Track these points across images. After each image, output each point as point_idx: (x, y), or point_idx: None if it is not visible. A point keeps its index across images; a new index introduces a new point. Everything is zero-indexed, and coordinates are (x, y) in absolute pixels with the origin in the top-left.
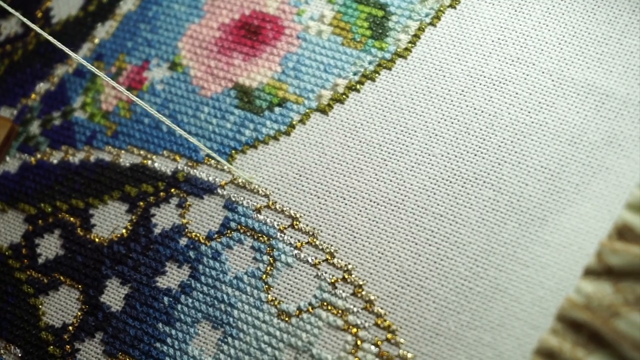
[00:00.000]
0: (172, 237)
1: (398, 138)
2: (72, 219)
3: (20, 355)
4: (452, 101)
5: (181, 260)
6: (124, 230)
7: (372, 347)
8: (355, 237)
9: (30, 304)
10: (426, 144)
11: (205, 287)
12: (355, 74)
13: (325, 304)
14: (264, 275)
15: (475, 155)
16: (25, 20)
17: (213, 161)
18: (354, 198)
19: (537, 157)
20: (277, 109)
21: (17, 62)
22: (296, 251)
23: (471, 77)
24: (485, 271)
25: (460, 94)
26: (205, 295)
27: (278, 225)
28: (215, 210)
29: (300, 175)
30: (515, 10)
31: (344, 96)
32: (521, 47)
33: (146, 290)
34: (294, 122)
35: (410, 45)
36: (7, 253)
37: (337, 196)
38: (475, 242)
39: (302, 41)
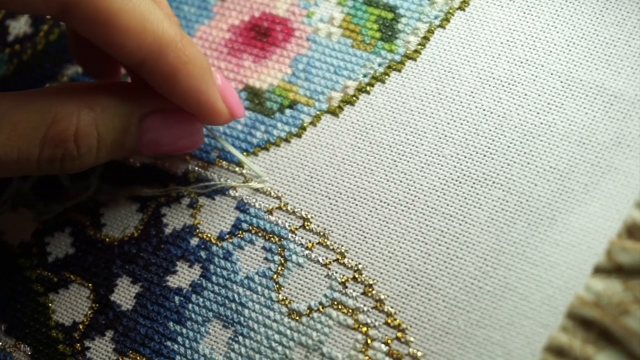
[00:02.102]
0: (183, 237)
1: (408, 139)
2: (82, 217)
3: (30, 353)
4: (461, 102)
5: (192, 260)
6: (134, 230)
7: (382, 346)
8: (365, 237)
9: (40, 302)
10: (436, 145)
11: (217, 286)
12: (365, 75)
13: (335, 303)
14: (275, 275)
15: (485, 155)
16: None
17: (224, 162)
18: (365, 199)
19: (546, 158)
20: (287, 111)
21: (27, 62)
22: (307, 251)
23: (480, 78)
24: (494, 270)
25: (470, 96)
26: (216, 295)
27: (289, 226)
28: (227, 211)
29: (311, 177)
30: (524, 13)
31: (354, 98)
32: (530, 49)
33: (157, 289)
34: (305, 124)
35: (419, 47)
36: (17, 251)
37: (348, 197)
38: (484, 241)
39: (312, 43)
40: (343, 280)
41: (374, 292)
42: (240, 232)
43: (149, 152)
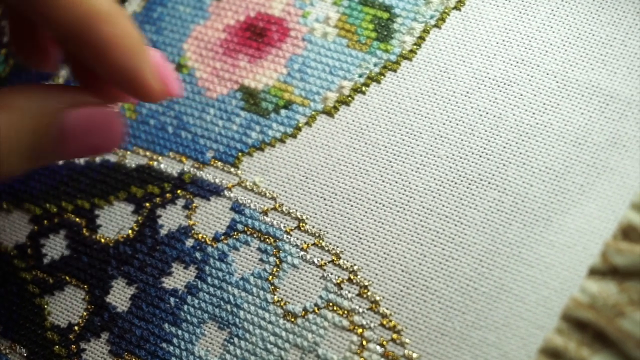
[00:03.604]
0: (179, 238)
1: (403, 139)
2: (77, 219)
3: (25, 354)
4: (457, 103)
5: (187, 261)
6: (129, 231)
7: (378, 347)
8: (360, 238)
9: (35, 304)
10: (431, 146)
11: (212, 288)
12: (360, 76)
13: (330, 304)
14: (270, 277)
15: (480, 156)
16: None
17: (220, 163)
18: (360, 199)
19: (542, 158)
20: (283, 111)
21: (22, 62)
22: (302, 252)
23: (476, 78)
24: (490, 271)
25: (465, 96)
26: (211, 296)
27: (284, 227)
28: (222, 212)
29: (306, 178)
30: (520, 13)
31: (349, 98)
32: (525, 49)
33: (152, 290)
34: (300, 125)
35: (415, 47)
36: (12, 253)
37: (343, 198)
38: (480, 242)
39: (307, 43)
40: (338, 281)
41: (369, 293)
42: (235, 233)
43: (72, 155)
